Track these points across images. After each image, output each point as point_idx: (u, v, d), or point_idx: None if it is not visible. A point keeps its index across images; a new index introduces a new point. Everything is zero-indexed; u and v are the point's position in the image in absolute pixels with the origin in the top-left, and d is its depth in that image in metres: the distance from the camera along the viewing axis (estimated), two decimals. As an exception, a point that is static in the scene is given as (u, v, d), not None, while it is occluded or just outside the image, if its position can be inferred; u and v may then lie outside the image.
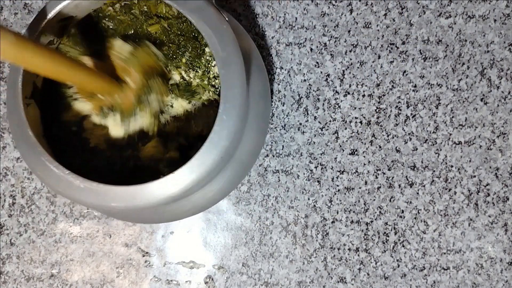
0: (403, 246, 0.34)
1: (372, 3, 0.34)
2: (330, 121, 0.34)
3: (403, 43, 0.34)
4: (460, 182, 0.34)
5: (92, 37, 0.26)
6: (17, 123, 0.22)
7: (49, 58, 0.19)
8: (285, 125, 0.35)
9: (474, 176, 0.34)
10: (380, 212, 0.34)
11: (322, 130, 0.34)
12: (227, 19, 0.23)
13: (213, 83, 0.27)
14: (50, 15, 0.22)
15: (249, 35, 0.29)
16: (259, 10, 0.35)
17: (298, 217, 0.34)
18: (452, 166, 0.34)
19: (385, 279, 0.34)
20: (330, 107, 0.34)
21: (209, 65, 0.27)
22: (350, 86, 0.34)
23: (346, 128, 0.34)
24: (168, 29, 0.27)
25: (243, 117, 0.22)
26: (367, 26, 0.34)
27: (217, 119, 0.21)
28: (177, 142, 0.26)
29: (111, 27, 0.27)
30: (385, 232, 0.34)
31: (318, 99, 0.34)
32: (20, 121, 0.21)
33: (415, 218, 0.34)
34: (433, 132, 0.34)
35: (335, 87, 0.34)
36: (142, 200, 0.21)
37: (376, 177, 0.34)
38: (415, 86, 0.34)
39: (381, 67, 0.34)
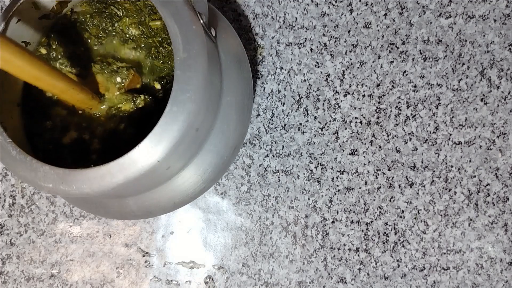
0: (403, 246, 0.34)
1: (372, 3, 0.34)
2: (330, 121, 0.34)
3: (403, 43, 0.34)
4: (460, 182, 0.34)
5: (70, 41, 0.27)
6: None
7: (36, 67, 0.19)
8: (285, 125, 0.35)
9: (474, 176, 0.34)
10: (380, 212, 0.34)
11: (322, 130, 0.34)
12: (203, 21, 0.22)
13: None
14: None
15: (239, 38, 0.29)
16: (259, 10, 0.35)
17: (298, 217, 0.34)
18: (452, 166, 0.34)
19: (385, 279, 0.34)
20: (330, 107, 0.34)
21: None
22: (350, 86, 0.34)
23: (346, 128, 0.34)
24: None
25: (195, 125, 0.21)
26: (367, 26, 0.34)
27: (159, 121, 0.20)
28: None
29: (118, 14, 0.27)
30: (385, 232, 0.34)
31: (318, 99, 0.34)
32: None
33: (415, 218, 0.34)
34: (433, 132, 0.34)
35: (335, 87, 0.34)
36: (70, 186, 0.20)
37: (376, 177, 0.34)
38: (415, 86, 0.34)
39: (381, 67, 0.34)
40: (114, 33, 0.27)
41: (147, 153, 0.20)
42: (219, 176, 0.27)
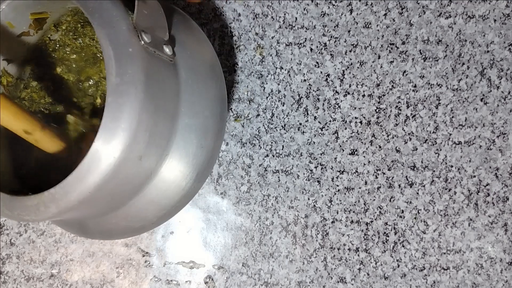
0: (403, 246, 0.34)
1: (372, 3, 0.34)
2: (330, 121, 0.34)
3: (403, 43, 0.34)
4: (460, 182, 0.34)
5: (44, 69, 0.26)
6: None
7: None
8: (285, 125, 0.35)
9: (474, 176, 0.34)
10: (380, 212, 0.34)
11: (322, 130, 0.34)
12: (145, 41, 0.20)
13: None
14: None
15: (210, 42, 0.27)
16: (259, 10, 0.35)
17: (298, 217, 0.34)
18: (452, 166, 0.34)
19: (385, 279, 0.34)
20: (330, 107, 0.34)
21: None
22: (350, 86, 0.34)
23: (346, 128, 0.34)
24: None
25: (136, 153, 0.20)
26: (367, 26, 0.34)
27: (87, 156, 0.18)
28: None
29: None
30: (385, 232, 0.34)
31: (318, 99, 0.34)
32: None
33: (415, 218, 0.34)
34: (433, 132, 0.34)
35: (335, 87, 0.34)
36: (17, 212, 0.20)
37: (376, 177, 0.34)
38: (415, 86, 0.34)
39: (381, 67, 0.34)
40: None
41: (80, 182, 0.19)
42: (181, 207, 0.26)
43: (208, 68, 0.25)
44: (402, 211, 0.34)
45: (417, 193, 0.34)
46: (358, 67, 0.34)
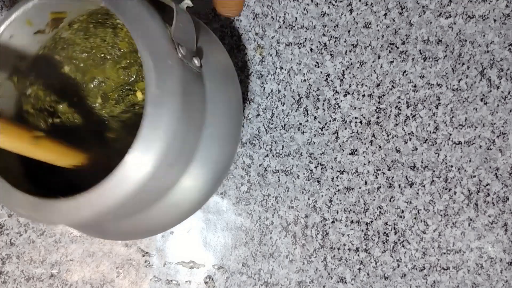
0: (403, 246, 0.34)
1: (372, 3, 0.34)
2: (330, 121, 0.34)
3: (403, 43, 0.34)
4: (460, 182, 0.34)
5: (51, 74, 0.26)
6: None
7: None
8: (285, 125, 0.35)
9: (474, 176, 0.34)
10: (380, 212, 0.34)
11: (322, 130, 0.34)
12: (182, 53, 0.20)
13: None
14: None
15: (225, 47, 0.28)
16: (259, 10, 0.35)
17: (298, 217, 0.34)
18: (452, 166, 0.34)
19: (385, 279, 0.34)
20: (330, 107, 0.34)
21: None
22: (350, 86, 0.34)
23: (346, 128, 0.34)
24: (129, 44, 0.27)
25: (168, 162, 0.20)
26: (367, 26, 0.34)
27: (124, 160, 0.18)
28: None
29: (120, 23, 0.26)
30: (385, 232, 0.34)
31: (318, 99, 0.34)
32: None
33: (415, 218, 0.34)
34: (433, 132, 0.34)
35: (335, 87, 0.34)
36: (44, 215, 0.19)
37: (376, 177, 0.34)
38: (415, 86, 0.34)
39: (381, 67, 0.34)
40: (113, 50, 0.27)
41: (117, 187, 0.19)
42: (199, 208, 0.27)
43: (229, 78, 0.26)
44: (402, 211, 0.34)
45: (417, 193, 0.34)
46: (358, 67, 0.34)
